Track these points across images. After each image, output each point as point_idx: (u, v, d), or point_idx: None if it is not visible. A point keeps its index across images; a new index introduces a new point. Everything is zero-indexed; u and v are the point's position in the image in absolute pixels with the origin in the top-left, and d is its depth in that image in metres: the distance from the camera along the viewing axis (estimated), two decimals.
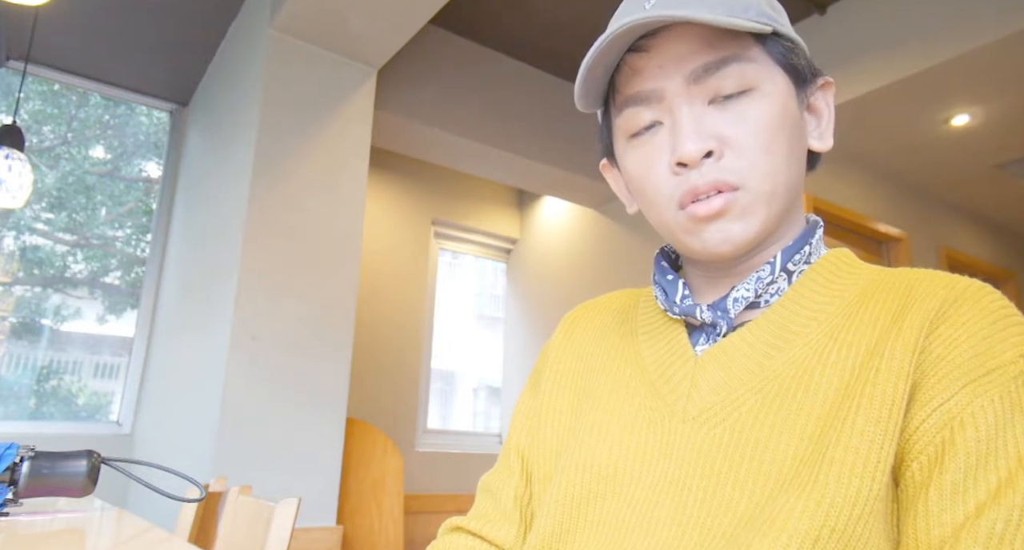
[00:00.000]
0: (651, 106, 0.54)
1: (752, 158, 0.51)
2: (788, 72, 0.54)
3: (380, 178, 4.04)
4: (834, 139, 0.61)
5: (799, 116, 0.55)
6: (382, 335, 3.94)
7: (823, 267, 0.55)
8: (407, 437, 3.95)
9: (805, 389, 0.48)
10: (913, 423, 0.44)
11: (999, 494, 0.40)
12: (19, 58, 2.85)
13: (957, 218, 4.22)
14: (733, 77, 0.51)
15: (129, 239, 3.46)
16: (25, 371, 3.07)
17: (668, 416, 0.53)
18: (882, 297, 0.51)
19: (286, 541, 0.97)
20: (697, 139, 0.51)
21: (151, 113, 3.53)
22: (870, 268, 0.56)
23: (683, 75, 0.52)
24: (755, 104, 0.52)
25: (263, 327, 2.17)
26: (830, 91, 0.60)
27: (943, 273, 0.51)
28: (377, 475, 2.63)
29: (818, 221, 0.60)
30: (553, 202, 4.46)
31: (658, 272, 0.61)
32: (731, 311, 0.54)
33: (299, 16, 2.30)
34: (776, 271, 0.54)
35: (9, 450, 0.90)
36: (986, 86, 2.78)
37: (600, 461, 0.54)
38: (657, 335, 0.60)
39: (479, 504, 0.67)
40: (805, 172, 0.59)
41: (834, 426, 0.45)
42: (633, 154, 0.56)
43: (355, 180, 2.46)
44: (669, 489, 0.49)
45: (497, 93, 3.38)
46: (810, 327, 0.51)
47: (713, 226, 0.52)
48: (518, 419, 0.68)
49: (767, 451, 0.47)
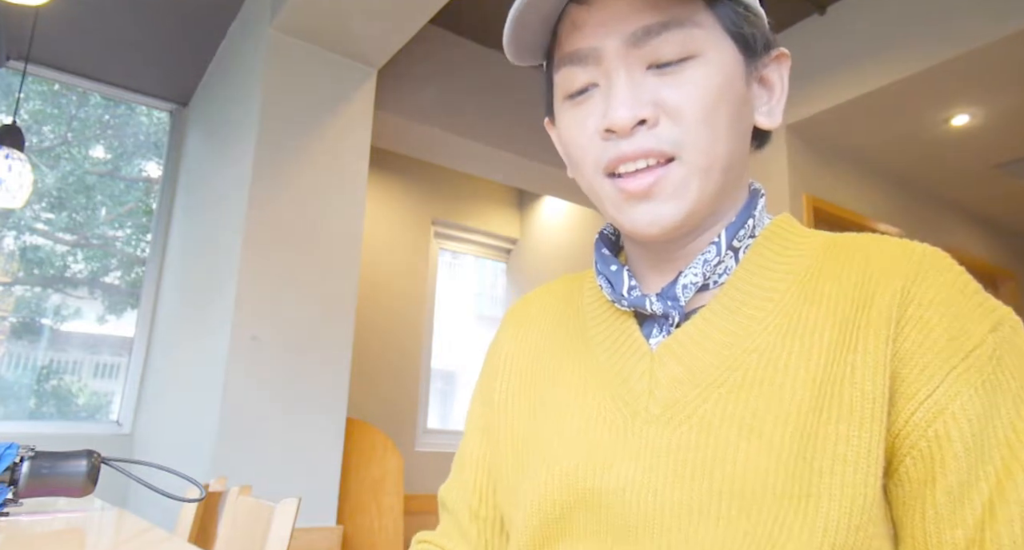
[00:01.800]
0: (587, 67, 0.50)
1: (689, 128, 0.48)
2: (737, 41, 0.50)
3: (380, 178, 4.04)
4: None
5: (745, 89, 0.52)
6: (382, 335, 3.94)
7: (768, 240, 0.53)
8: (407, 437, 3.95)
9: (771, 382, 0.46)
10: (901, 418, 0.43)
11: (1002, 489, 0.40)
12: (19, 58, 2.85)
13: (957, 218, 4.22)
14: (675, 43, 0.48)
15: (129, 239, 3.46)
16: (25, 371, 3.07)
17: (631, 417, 0.50)
18: (837, 271, 0.49)
19: (286, 541, 0.97)
20: (631, 106, 0.48)
21: (151, 113, 3.53)
22: (817, 235, 0.54)
23: (622, 37, 0.49)
24: (697, 72, 0.48)
25: (263, 327, 2.17)
26: (785, 64, 0.56)
27: (896, 241, 0.50)
28: (377, 475, 2.63)
29: (759, 190, 0.57)
30: (553, 202, 4.45)
31: (600, 261, 0.58)
32: (681, 299, 0.51)
33: (299, 16, 2.30)
34: (722, 251, 0.51)
35: (9, 450, 0.90)
36: (986, 86, 2.78)
37: (566, 471, 0.50)
38: (608, 329, 0.56)
39: (442, 521, 0.65)
40: (749, 150, 0.56)
41: (814, 429, 0.43)
42: (566, 115, 0.53)
43: (355, 180, 2.46)
44: (641, 496, 0.46)
45: (497, 93, 3.38)
46: (766, 308, 0.49)
47: (642, 207, 0.49)
48: (471, 427, 0.65)
49: (739, 452, 0.44)
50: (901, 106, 2.92)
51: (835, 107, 2.87)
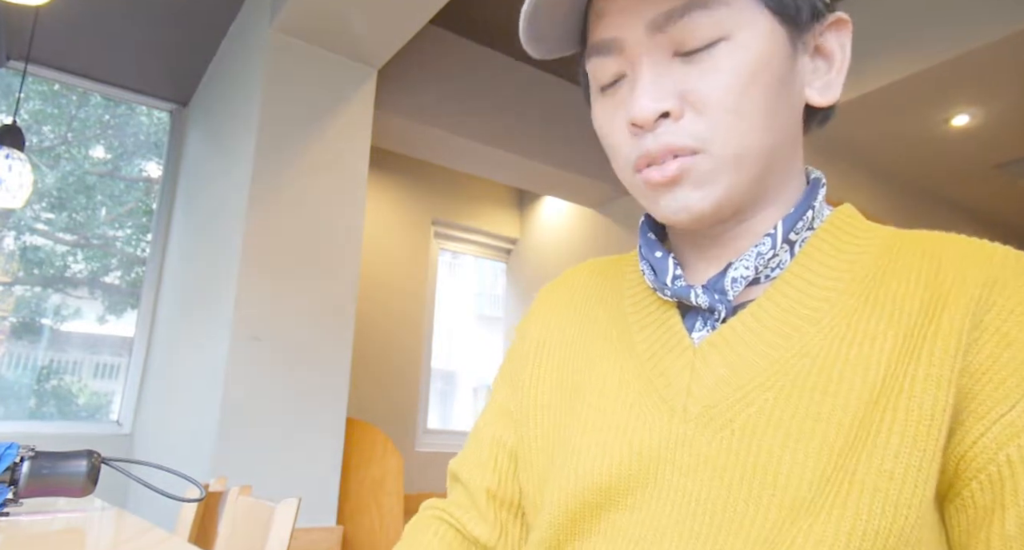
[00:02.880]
0: (614, 57, 0.48)
1: (716, 119, 0.45)
2: (777, 13, 0.46)
3: (380, 178, 4.04)
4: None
5: (790, 65, 0.47)
6: (382, 335, 3.94)
7: (828, 233, 0.49)
8: (407, 437, 3.95)
9: (824, 390, 0.42)
10: (969, 438, 0.40)
11: None
12: (19, 58, 2.85)
13: (957, 218, 4.22)
14: (701, 26, 0.45)
15: (129, 239, 3.46)
16: (25, 371, 3.07)
17: (668, 415, 0.47)
18: (904, 273, 0.45)
19: (286, 541, 0.97)
20: (653, 98, 0.45)
21: (151, 113, 3.53)
22: (881, 230, 0.50)
23: (644, 23, 0.46)
24: (725, 58, 0.45)
25: (263, 327, 2.17)
26: (845, 30, 0.51)
27: (970, 241, 0.46)
28: (377, 475, 2.62)
29: (819, 178, 0.52)
30: (553, 202, 4.45)
31: (644, 246, 0.54)
32: (730, 293, 0.48)
33: (299, 16, 2.30)
34: (778, 244, 0.48)
35: (9, 450, 0.90)
36: (986, 86, 2.78)
37: (596, 468, 0.48)
38: (648, 318, 0.53)
39: (453, 492, 0.62)
40: (802, 128, 0.52)
41: (862, 440, 0.40)
42: (599, 106, 0.51)
43: (355, 180, 2.46)
44: (675, 500, 0.44)
45: (497, 93, 3.38)
46: (822, 309, 0.45)
47: (669, 194, 0.47)
48: (494, 406, 0.62)
49: (783, 463, 0.41)
50: (901, 106, 2.92)
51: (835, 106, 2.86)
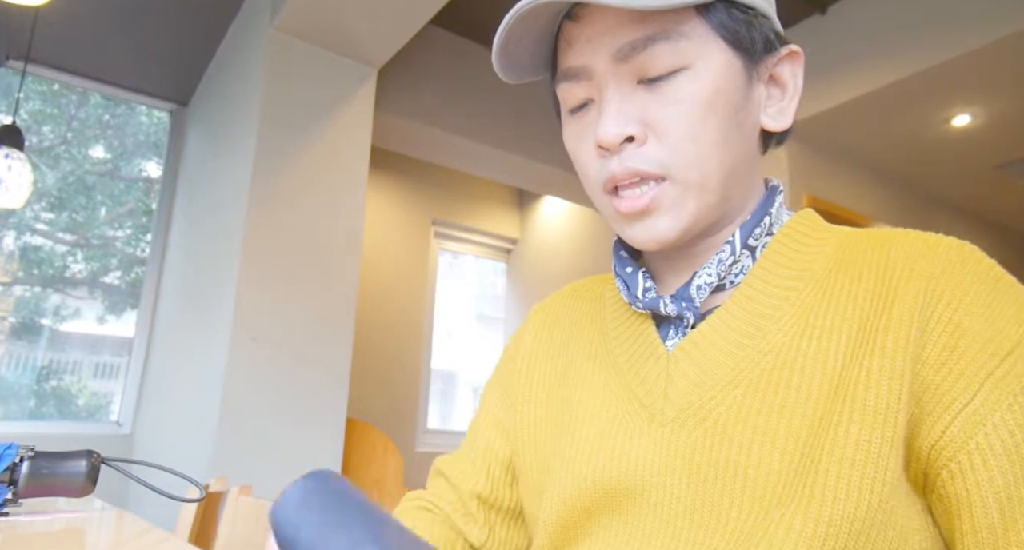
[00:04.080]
0: (582, 83, 0.51)
1: (676, 146, 0.48)
2: (732, 45, 0.49)
3: (380, 178, 4.04)
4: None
5: (745, 93, 0.50)
6: (382, 335, 3.94)
7: (786, 237, 0.52)
8: (407, 437, 3.95)
9: (787, 384, 0.45)
10: (937, 428, 0.41)
11: None
12: (19, 58, 2.85)
13: (957, 218, 4.22)
14: (662, 56, 0.47)
15: (129, 239, 3.46)
16: (25, 371, 3.07)
17: (647, 420, 0.50)
18: (855, 269, 0.48)
19: None
20: (618, 123, 0.48)
21: (151, 113, 3.53)
22: (835, 231, 0.53)
23: (609, 52, 0.48)
24: (684, 86, 0.47)
25: (263, 327, 2.17)
26: (797, 61, 0.54)
27: (919, 235, 0.48)
28: (377, 475, 2.62)
29: (777, 187, 0.55)
30: (553, 202, 4.45)
31: (617, 263, 0.57)
32: (696, 300, 0.50)
33: (299, 16, 2.30)
34: (737, 250, 0.51)
35: (9, 450, 0.89)
36: (986, 86, 2.78)
37: (586, 475, 0.51)
38: (626, 331, 0.56)
39: (436, 487, 0.65)
40: (759, 150, 0.55)
41: (825, 430, 0.43)
42: (569, 130, 0.54)
43: (355, 180, 2.46)
44: (659, 501, 0.47)
45: (497, 93, 3.38)
46: (782, 308, 0.48)
47: (639, 223, 0.50)
48: (487, 416, 0.65)
49: (752, 456, 0.44)
50: (902, 106, 2.92)
51: (835, 107, 2.87)
